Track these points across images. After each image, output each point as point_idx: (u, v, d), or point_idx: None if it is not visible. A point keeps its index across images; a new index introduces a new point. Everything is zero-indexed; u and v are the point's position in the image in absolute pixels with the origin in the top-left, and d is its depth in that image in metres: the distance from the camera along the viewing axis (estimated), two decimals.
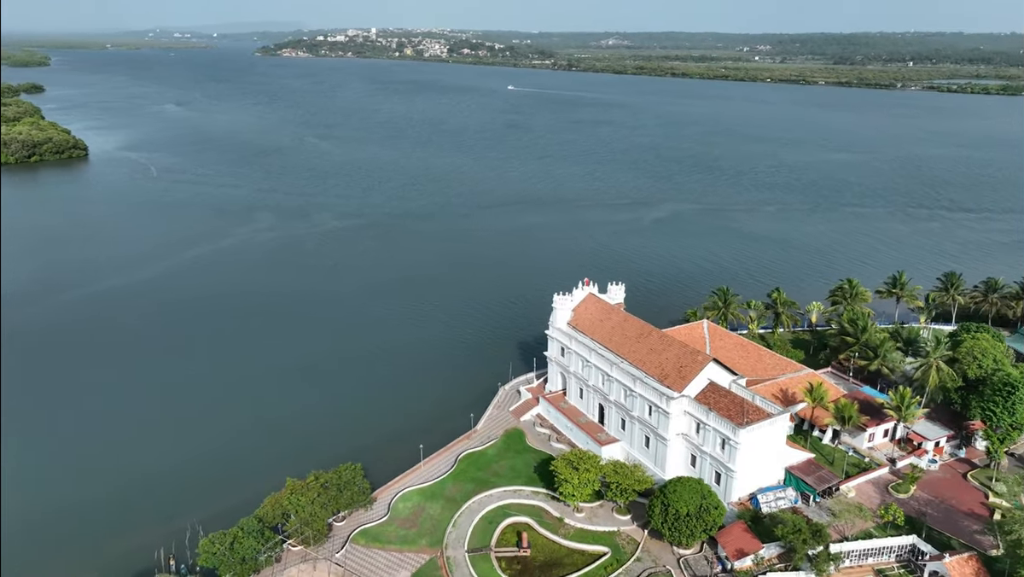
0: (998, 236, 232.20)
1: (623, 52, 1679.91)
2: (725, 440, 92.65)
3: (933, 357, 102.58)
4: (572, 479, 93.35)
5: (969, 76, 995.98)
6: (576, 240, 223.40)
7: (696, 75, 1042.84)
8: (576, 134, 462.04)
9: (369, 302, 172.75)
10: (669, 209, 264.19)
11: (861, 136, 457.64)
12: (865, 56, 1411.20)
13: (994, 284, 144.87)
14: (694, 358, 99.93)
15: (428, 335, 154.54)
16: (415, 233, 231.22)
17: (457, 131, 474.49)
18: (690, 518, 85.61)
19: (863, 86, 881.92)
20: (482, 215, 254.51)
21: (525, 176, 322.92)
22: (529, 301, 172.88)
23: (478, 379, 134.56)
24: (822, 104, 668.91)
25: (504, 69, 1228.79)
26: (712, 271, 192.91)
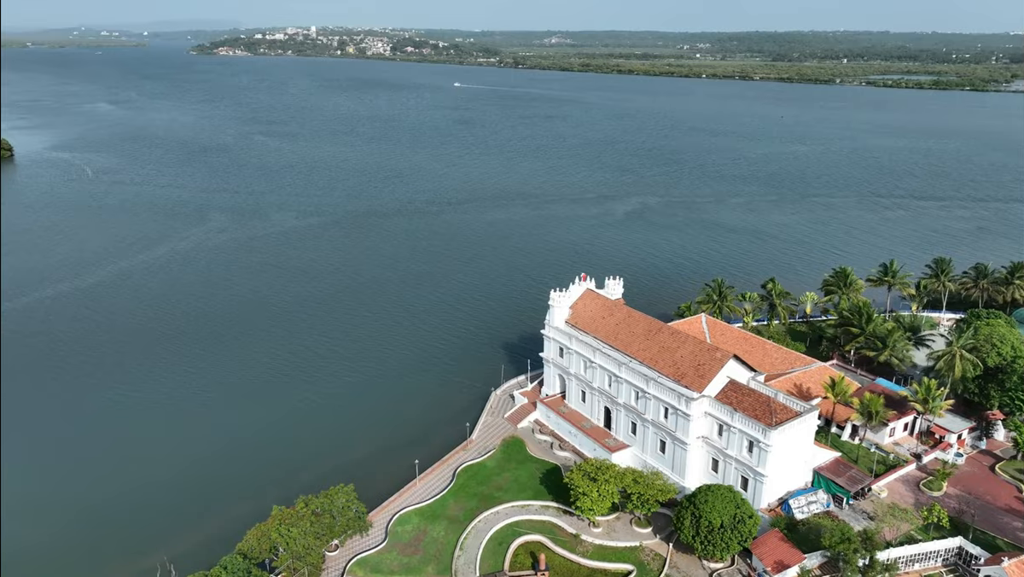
0: (963, 223, 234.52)
1: (567, 50, 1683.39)
2: (753, 442, 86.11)
3: (957, 346, 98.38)
4: (591, 492, 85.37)
5: (900, 72, 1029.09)
6: (551, 235, 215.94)
7: (641, 72, 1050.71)
8: (532, 129, 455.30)
9: (342, 305, 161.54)
10: (637, 202, 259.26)
11: (812, 129, 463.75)
12: (801, 53, 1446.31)
13: (984, 269, 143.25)
14: (712, 355, 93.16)
15: (410, 339, 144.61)
16: (383, 230, 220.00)
17: (411, 127, 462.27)
18: (724, 529, 78.71)
19: (804, 81, 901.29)
20: (452, 211, 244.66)
21: (489, 171, 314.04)
22: (513, 299, 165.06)
23: (468, 384, 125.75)
24: (769, 98, 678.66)
25: (449, 67, 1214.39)
26: (694, 264, 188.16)
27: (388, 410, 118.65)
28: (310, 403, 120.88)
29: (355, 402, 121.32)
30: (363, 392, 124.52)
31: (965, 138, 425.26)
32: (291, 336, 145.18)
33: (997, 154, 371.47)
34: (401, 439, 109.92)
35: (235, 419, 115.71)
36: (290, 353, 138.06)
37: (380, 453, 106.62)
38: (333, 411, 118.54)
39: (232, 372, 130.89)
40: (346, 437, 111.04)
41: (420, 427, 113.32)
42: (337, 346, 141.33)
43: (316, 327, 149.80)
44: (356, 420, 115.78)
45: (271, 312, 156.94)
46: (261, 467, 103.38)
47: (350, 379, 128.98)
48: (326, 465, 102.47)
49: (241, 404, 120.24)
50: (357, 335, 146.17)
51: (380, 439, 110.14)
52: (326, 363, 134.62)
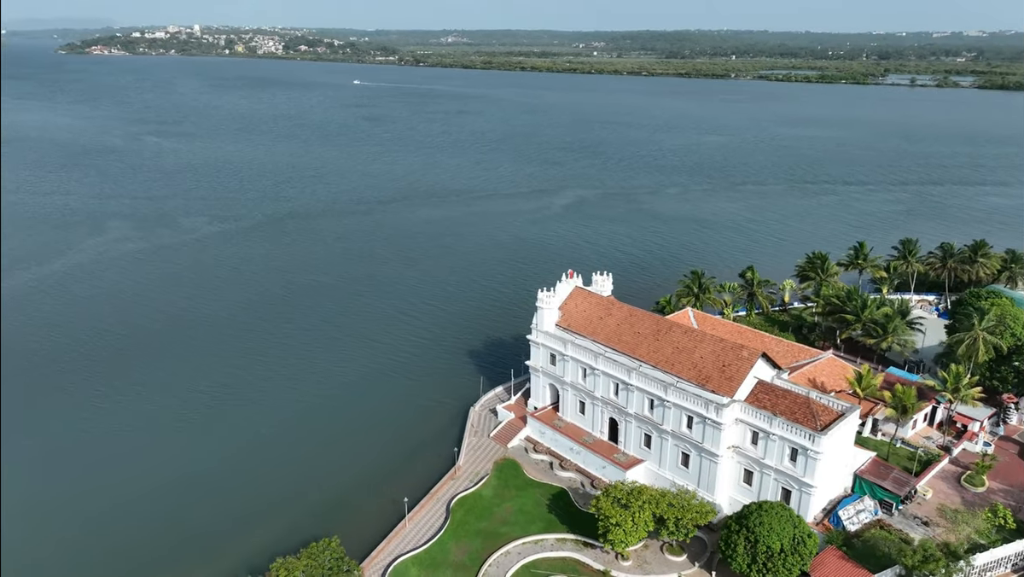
0: (891, 206, 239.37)
1: (465, 49, 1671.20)
2: (797, 450, 76.86)
3: (979, 329, 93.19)
4: (624, 521, 73.58)
5: (786, 67, 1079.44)
6: (496, 231, 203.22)
7: (544, 69, 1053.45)
8: (447, 125, 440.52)
9: (278, 318, 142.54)
10: (574, 195, 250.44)
11: (721, 120, 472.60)
12: (692, 51, 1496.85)
13: (950, 249, 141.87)
14: (738, 354, 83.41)
15: (364, 353, 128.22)
16: (311, 233, 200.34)
17: (319, 125, 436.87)
18: (784, 554, 68.82)
19: (700, 76, 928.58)
20: (383, 210, 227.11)
21: (412, 168, 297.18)
22: (472, 302, 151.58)
23: (441, 403, 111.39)
24: (673, 93, 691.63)
25: (347, 65, 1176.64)
26: (651, 256, 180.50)
27: (355, 438, 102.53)
28: (258, 437, 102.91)
29: (312, 432, 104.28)
30: (320, 419, 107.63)
31: (862, 126, 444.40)
32: (222, 357, 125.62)
33: (895, 140, 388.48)
34: (377, 472, 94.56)
35: (170, 464, 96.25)
36: (226, 377, 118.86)
37: (356, 490, 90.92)
38: (287, 444, 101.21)
39: (157, 404, 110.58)
40: (310, 473, 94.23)
41: (397, 456, 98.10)
42: (279, 366, 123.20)
43: (250, 345, 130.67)
44: (318, 453, 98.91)
45: (195, 330, 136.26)
46: (216, 518, 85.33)
47: (302, 404, 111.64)
48: (294, 511, 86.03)
49: (171, 444, 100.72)
50: (301, 352, 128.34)
51: (353, 473, 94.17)
52: (270, 386, 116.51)
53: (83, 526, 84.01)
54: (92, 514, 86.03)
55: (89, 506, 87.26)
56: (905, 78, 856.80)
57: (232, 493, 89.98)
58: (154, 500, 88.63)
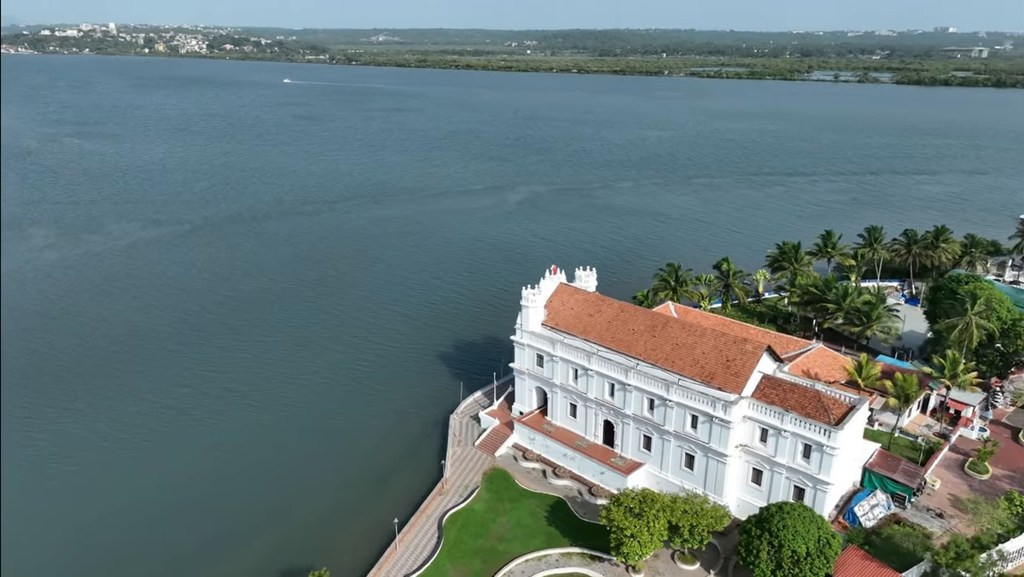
0: (838, 196, 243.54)
1: (397, 47, 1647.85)
2: (810, 446, 73.55)
3: (972, 314, 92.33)
4: (640, 532, 68.64)
5: (716, 65, 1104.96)
6: (455, 230, 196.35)
7: (479, 67, 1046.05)
8: (387, 123, 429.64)
9: (232, 331, 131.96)
10: (527, 191, 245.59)
11: (662, 115, 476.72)
12: (623, 49, 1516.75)
13: (914, 235, 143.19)
14: (741, 348, 79.73)
15: (329, 360, 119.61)
16: (257, 235, 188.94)
17: (253, 124, 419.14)
18: (811, 558, 65.20)
19: (635, 74, 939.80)
20: (331, 210, 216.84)
21: (357, 167, 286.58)
22: (438, 303, 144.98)
23: (417, 411, 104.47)
24: (611, 89, 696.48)
25: (276, 64, 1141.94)
26: (616, 250, 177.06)
27: (328, 456, 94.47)
28: (217, 462, 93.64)
29: (278, 453, 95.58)
30: (286, 438, 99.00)
31: (795, 120, 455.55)
32: (168, 375, 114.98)
33: (829, 133, 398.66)
34: (357, 491, 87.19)
35: (114, 499, 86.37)
36: (174, 397, 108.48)
37: (336, 512, 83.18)
38: (252, 468, 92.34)
39: (92, 432, 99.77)
40: (283, 498, 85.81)
41: (377, 472, 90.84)
42: (234, 382, 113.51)
43: (200, 359, 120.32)
44: (288, 475, 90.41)
45: (134, 345, 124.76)
46: (180, 556, 76.25)
47: (263, 423, 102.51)
48: (271, 541, 77.94)
49: (113, 476, 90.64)
50: (257, 365, 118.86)
51: (330, 495, 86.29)
52: (226, 406, 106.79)
53: (23, 567, 73.79)
54: (32, 553, 75.81)
55: (28, 545, 76.90)
56: (829, 74, 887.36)
57: (194, 527, 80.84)
58: (96, 543, 78.85)
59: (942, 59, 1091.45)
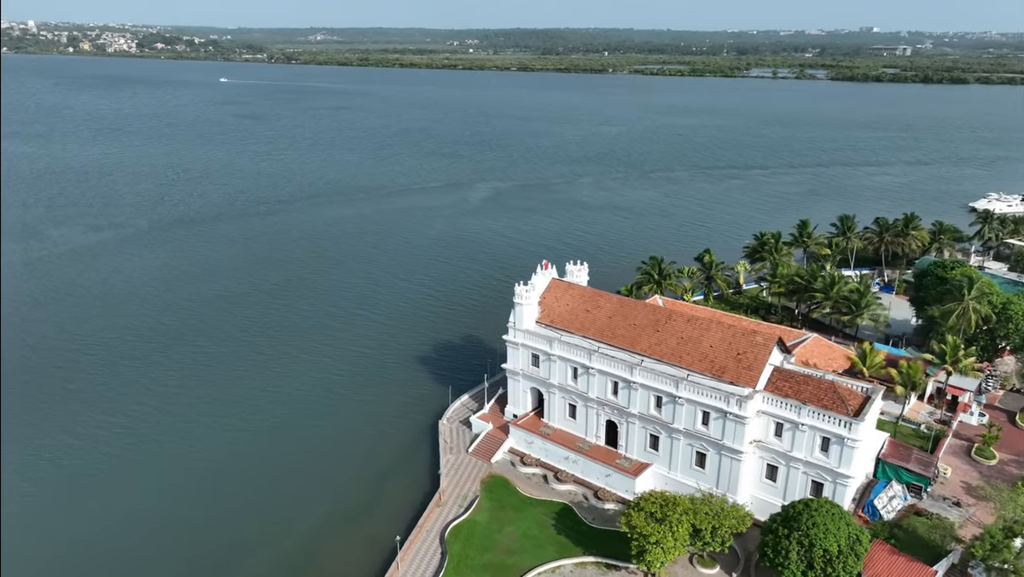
0: (795, 187, 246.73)
1: (337, 47, 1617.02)
2: (829, 439, 71.17)
3: (969, 299, 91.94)
4: (664, 539, 64.90)
5: (657, 62, 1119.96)
6: (418, 227, 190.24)
7: (423, 65, 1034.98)
8: (334, 121, 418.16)
9: (193, 341, 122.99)
10: (488, 188, 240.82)
11: (612, 112, 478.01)
12: (565, 48, 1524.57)
13: (885, 223, 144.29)
14: (752, 340, 76.90)
15: (304, 374, 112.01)
16: (210, 238, 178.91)
17: (193, 123, 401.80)
18: (843, 556, 62.62)
19: (579, 71, 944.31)
20: (287, 210, 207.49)
21: (310, 166, 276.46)
22: (414, 305, 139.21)
23: (405, 419, 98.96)
24: (558, 87, 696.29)
25: (211, 63, 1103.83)
26: (588, 245, 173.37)
27: (313, 471, 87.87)
28: (198, 482, 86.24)
29: (260, 471, 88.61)
30: (266, 455, 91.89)
31: (741, 115, 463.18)
32: (127, 390, 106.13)
33: (775, 127, 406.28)
34: (350, 507, 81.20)
35: (94, 521, 78.31)
36: (137, 414, 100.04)
37: (330, 531, 77.05)
38: (234, 487, 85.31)
39: (41, 457, 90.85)
40: (272, 519, 79.03)
41: (368, 486, 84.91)
42: (200, 393, 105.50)
43: (158, 370, 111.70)
44: (274, 494, 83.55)
45: (84, 360, 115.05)
46: None
47: (239, 439, 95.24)
48: (264, 566, 71.25)
49: (89, 499, 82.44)
50: (226, 376, 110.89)
51: (321, 513, 79.94)
52: (198, 423, 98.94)
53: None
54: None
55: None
56: (767, 71, 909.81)
57: (179, 554, 73.58)
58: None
59: (870, 57, 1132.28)
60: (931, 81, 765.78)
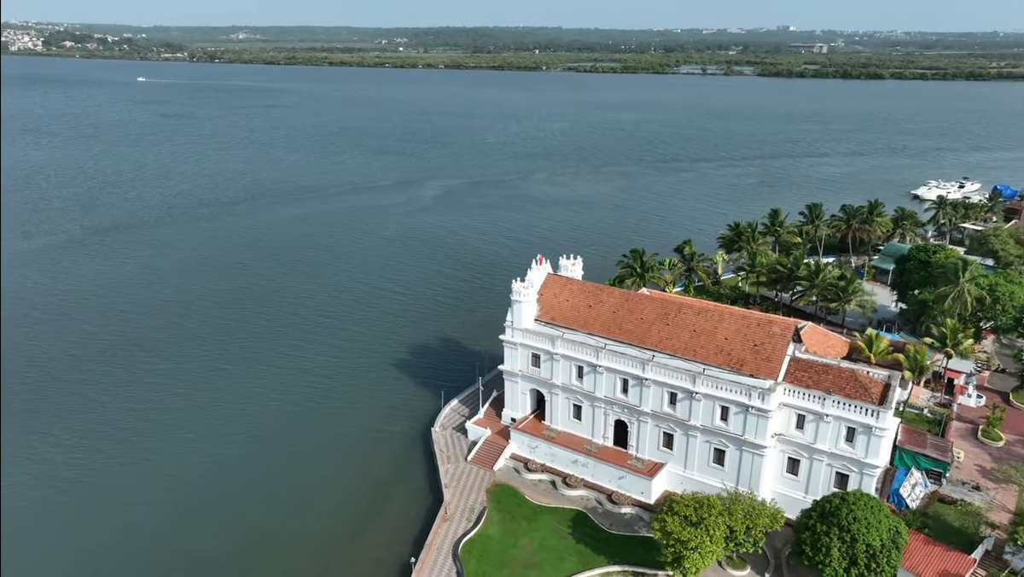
0: (745, 179, 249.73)
1: (262, 45, 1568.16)
2: (854, 429, 69.25)
3: (964, 281, 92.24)
4: (702, 544, 61.43)
5: (589, 60, 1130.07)
6: (375, 227, 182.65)
7: (354, 64, 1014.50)
8: (268, 120, 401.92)
9: (142, 354, 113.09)
10: (441, 185, 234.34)
11: (554, 108, 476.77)
12: (496, 46, 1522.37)
13: (852, 210, 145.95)
14: (768, 330, 74.47)
15: (275, 386, 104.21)
16: (152, 244, 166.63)
17: (114, 124, 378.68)
18: (886, 550, 60.59)
19: (513, 69, 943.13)
20: (231, 212, 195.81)
21: (250, 166, 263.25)
22: (381, 308, 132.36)
23: (393, 429, 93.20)
24: (494, 84, 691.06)
25: (128, 63, 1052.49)
26: (554, 240, 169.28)
27: (306, 489, 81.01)
28: (170, 513, 78.09)
29: (246, 490, 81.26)
30: (246, 473, 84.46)
31: (679, 110, 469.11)
32: (74, 407, 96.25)
33: (717, 122, 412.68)
34: (351, 528, 74.98)
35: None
36: (91, 430, 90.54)
37: (336, 558, 70.59)
38: (223, 508, 77.66)
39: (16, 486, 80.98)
40: (269, 548, 72.03)
41: (364, 503, 78.81)
42: (162, 407, 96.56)
43: (108, 385, 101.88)
44: (266, 516, 76.53)
45: (24, 378, 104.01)
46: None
47: (213, 455, 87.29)
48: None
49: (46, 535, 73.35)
50: (182, 388, 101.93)
51: (321, 536, 73.42)
52: (166, 433, 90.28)
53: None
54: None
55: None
56: (696, 68, 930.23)
57: None
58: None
59: (790, 54, 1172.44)
60: (850, 76, 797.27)
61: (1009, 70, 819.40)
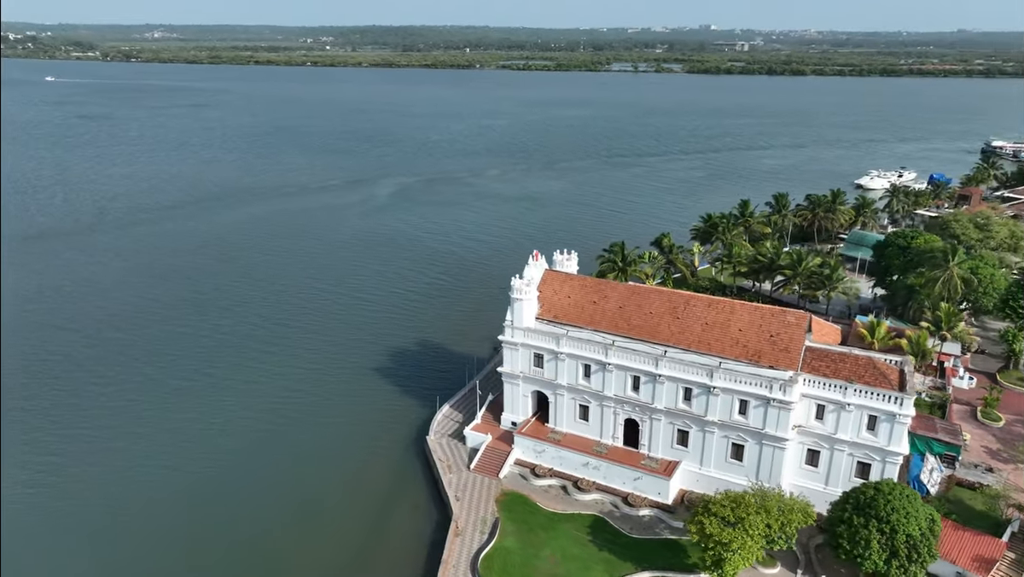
0: (695, 172, 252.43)
1: (180, 44, 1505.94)
2: (876, 417, 68.20)
3: (953, 265, 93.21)
4: (744, 544, 58.97)
5: (521, 58, 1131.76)
6: (332, 228, 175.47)
7: (282, 63, 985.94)
8: (201, 120, 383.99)
9: (94, 366, 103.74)
10: (393, 183, 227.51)
11: (494, 106, 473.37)
12: (426, 45, 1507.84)
13: (817, 199, 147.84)
14: (782, 320, 72.84)
15: (248, 399, 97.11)
16: (90, 251, 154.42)
17: (25, 125, 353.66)
18: (926, 539, 59.54)
19: (445, 67, 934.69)
20: (175, 217, 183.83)
21: (188, 168, 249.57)
22: (350, 313, 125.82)
23: (386, 441, 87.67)
24: (430, 82, 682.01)
25: (34, 61, 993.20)
26: (520, 236, 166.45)
27: (303, 510, 74.85)
28: (155, 543, 70.73)
29: (239, 509, 74.55)
30: (235, 493, 77.63)
31: (619, 106, 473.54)
32: (29, 431, 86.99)
33: (656, 117, 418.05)
34: (355, 547, 69.34)
35: None
36: (66, 451, 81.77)
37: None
38: (218, 532, 70.78)
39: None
40: (268, 568, 65.88)
41: (367, 521, 73.40)
42: (137, 424, 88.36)
43: (56, 406, 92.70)
44: (264, 538, 70.17)
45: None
46: None
47: (195, 478, 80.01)
48: None
49: None
50: (149, 406, 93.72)
51: (325, 557, 67.57)
52: (145, 457, 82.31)
53: None
54: None
55: None
56: (628, 66, 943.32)
57: None
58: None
59: (714, 52, 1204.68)
60: (775, 73, 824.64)
61: (919, 66, 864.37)
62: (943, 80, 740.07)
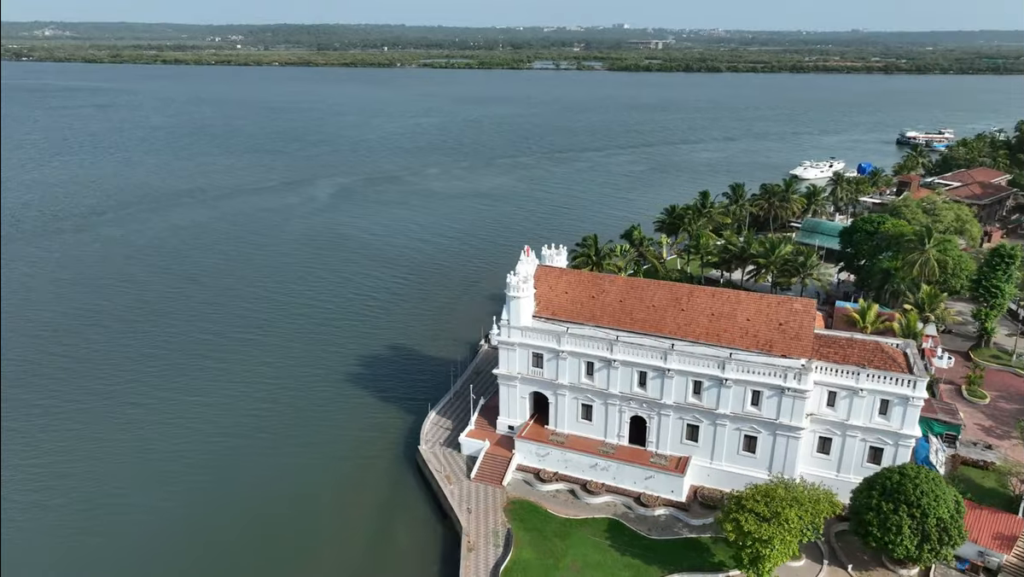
0: (637, 166, 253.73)
1: (73, 42, 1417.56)
2: (888, 401, 67.97)
3: (931, 247, 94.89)
4: (783, 541, 57.16)
5: (442, 56, 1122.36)
6: (274, 230, 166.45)
7: (191, 61, 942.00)
8: (111, 121, 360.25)
9: (41, 383, 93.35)
10: (333, 183, 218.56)
11: (424, 104, 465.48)
12: (342, 43, 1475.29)
13: (772, 189, 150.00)
14: (790, 307, 71.77)
15: (218, 412, 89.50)
16: (12, 261, 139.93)
17: None
18: (955, 521, 59.42)
19: (365, 66, 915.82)
20: (102, 224, 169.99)
21: (107, 171, 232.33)
22: (311, 317, 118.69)
23: (374, 453, 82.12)
24: (351, 81, 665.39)
25: None
26: (474, 234, 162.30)
27: (300, 535, 68.70)
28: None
29: (227, 536, 67.66)
30: (221, 517, 70.60)
31: (547, 103, 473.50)
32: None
33: (588, 113, 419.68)
34: (359, 572, 63.75)
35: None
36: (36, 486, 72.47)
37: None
38: (210, 565, 63.79)
39: None
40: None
41: (368, 542, 68.05)
42: (98, 444, 79.58)
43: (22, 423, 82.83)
44: (264, 566, 63.78)
45: None
46: None
47: (179, 502, 72.43)
48: None
49: None
50: (104, 426, 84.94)
51: None
52: (120, 482, 73.89)
53: None
54: None
55: None
56: (549, 63, 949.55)
57: None
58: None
59: (630, 50, 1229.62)
60: (692, 70, 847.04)
61: (823, 63, 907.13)
62: (847, 76, 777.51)
